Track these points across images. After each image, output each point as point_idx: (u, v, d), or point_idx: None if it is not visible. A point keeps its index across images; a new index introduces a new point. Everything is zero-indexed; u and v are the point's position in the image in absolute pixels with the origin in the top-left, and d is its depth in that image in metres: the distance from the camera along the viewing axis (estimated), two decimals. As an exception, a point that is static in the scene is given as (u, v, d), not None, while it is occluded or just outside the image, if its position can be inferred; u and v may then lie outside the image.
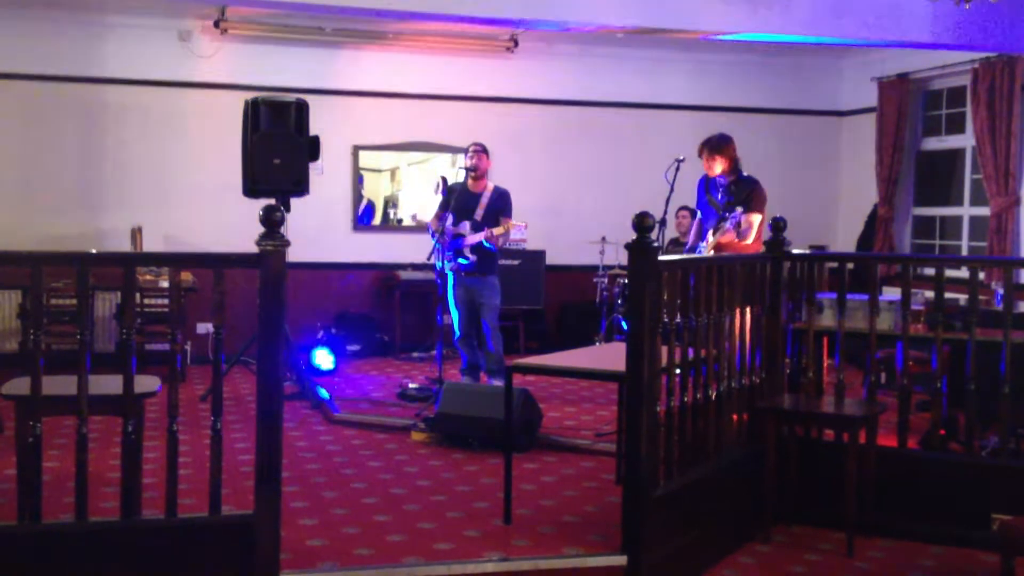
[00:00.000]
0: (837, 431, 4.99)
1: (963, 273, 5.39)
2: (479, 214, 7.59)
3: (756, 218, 6.41)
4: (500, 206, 7.64)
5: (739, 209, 6.36)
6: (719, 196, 6.58)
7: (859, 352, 6.56)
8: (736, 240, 6.39)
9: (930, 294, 5.30)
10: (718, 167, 6.55)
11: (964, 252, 9.56)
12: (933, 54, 9.19)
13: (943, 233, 9.97)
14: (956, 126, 9.73)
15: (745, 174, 6.62)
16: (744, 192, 6.54)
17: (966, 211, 9.60)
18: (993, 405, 4.95)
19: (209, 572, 3.79)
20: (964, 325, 5.14)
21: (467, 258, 7.54)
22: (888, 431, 5.41)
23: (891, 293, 6.64)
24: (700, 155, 6.63)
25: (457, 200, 7.64)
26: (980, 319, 4.98)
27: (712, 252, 6.41)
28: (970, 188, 9.54)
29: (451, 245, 7.56)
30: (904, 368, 5.11)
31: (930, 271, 5.34)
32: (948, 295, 5.11)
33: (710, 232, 6.56)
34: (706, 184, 6.75)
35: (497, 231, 7.44)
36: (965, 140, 9.53)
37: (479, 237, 7.48)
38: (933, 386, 5.07)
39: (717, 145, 6.57)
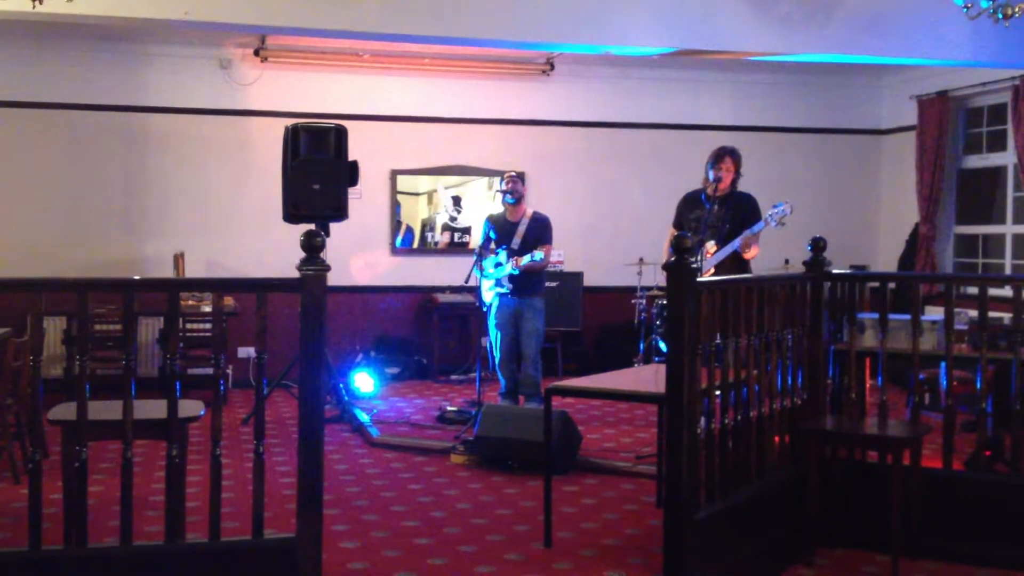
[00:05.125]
0: (881, 453, 4.93)
1: (1007, 292, 5.32)
2: (516, 242, 7.61)
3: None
4: (538, 233, 7.65)
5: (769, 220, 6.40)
6: (711, 210, 6.53)
7: (902, 373, 6.50)
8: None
9: (974, 313, 5.24)
10: (727, 178, 6.54)
11: (1007, 271, 9.44)
12: (973, 71, 9.12)
13: (986, 252, 9.86)
14: (997, 143, 9.63)
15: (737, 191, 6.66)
16: (747, 206, 6.56)
17: (1009, 229, 9.49)
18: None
19: (252, 595, 3.81)
20: (1009, 344, 5.08)
21: (505, 286, 7.57)
22: (933, 452, 5.34)
23: (934, 313, 6.58)
24: (718, 161, 6.55)
25: (498, 231, 7.70)
26: (1025, 338, 4.91)
27: (714, 268, 6.40)
28: (1013, 206, 9.43)
29: (493, 275, 7.61)
30: (948, 388, 5.05)
31: (973, 290, 5.26)
32: (992, 314, 5.05)
33: (710, 245, 6.52)
34: (690, 202, 6.72)
35: (520, 260, 7.45)
36: (1007, 157, 9.43)
37: (509, 267, 7.51)
38: (978, 406, 5.00)
39: (739, 156, 6.60)
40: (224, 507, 3.96)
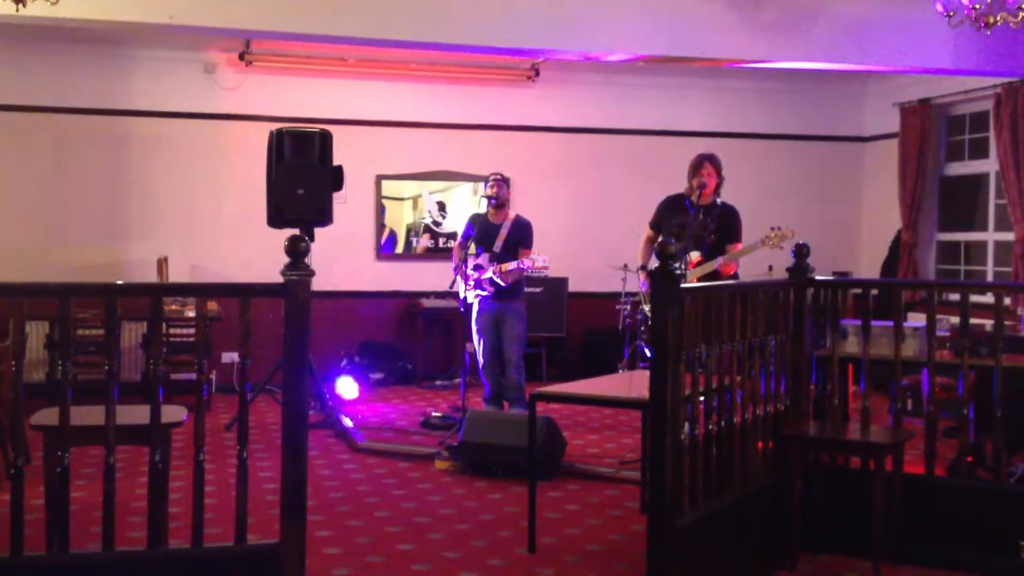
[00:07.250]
0: (863, 459, 4.96)
1: (988, 299, 5.36)
2: (498, 245, 7.61)
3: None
4: (519, 237, 7.66)
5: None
6: (696, 218, 6.49)
7: (884, 379, 6.52)
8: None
9: (955, 320, 5.27)
10: (711, 183, 6.54)
11: (989, 278, 9.50)
12: (955, 79, 9.18)
13: (968, 258, 9.92)
14: (979, 151, 9.70)
15: (720, 201, 6.64)
16: (729, 219, 6.56)
17: (991, 236, 9.55)
18: (1021, 431, 4.91)
19: (235, 601, 3.80)
20: (990, 351, 5.11)
21: (485, 290, 7.58)
22: (915, 458, 5.37)
23: (916, 319, 6.60)
24: (698, 168, 6.55)
25: (478, 230, 7.69)
26: (1006, 345, 4.94)
27: (697, 279, 6.38)
28: (994, 213, 9.50)
29: (472, 276, 7.61)
30: (930, 395, 5.08)
31: (955, 297, 5.31)
32: (973, 321, 5.08)
33: (695, 254, 6.50)
34: (672, 206, 6.71)
35: (505, 267, 7.45)
36: (988, 165, 9.50)
37: (490, 273, 7.50)
38: (960, 413, 5.03)
39: (719, 161, 6.59)
40: (207, 513, 3.94)
